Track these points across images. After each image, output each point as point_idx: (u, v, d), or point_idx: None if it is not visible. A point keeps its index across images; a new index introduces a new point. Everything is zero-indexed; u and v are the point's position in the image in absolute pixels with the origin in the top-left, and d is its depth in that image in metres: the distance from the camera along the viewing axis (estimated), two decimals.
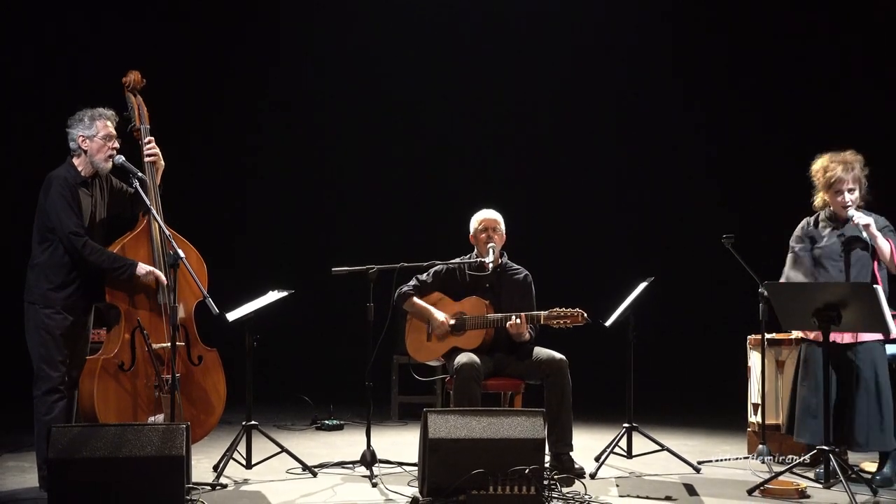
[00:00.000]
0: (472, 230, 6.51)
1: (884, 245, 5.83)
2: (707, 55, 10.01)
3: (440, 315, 6.34)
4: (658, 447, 6.47)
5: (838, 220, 6.05)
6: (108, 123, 5.70)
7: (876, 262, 5.93)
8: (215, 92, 9.78)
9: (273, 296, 6.12)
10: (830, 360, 5.76)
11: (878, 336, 5.82)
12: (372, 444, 6.13)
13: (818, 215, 6.18)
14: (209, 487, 5.65)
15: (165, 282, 5.66)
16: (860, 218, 5.84)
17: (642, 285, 6.44)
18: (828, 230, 6.10)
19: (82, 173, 5.69)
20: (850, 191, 5.94)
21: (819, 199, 6.14)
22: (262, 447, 6.30)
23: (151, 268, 5.69)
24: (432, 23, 10.04)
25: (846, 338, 5.86)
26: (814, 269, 6.06)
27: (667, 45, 10.08)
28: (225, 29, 9.90)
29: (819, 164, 6.07)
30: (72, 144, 5.70)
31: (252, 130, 10.12)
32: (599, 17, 10.05)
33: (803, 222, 6.22)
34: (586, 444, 6.78)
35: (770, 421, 6.72)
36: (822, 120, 9.23)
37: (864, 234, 5.87)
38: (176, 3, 9.64)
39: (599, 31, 10.09)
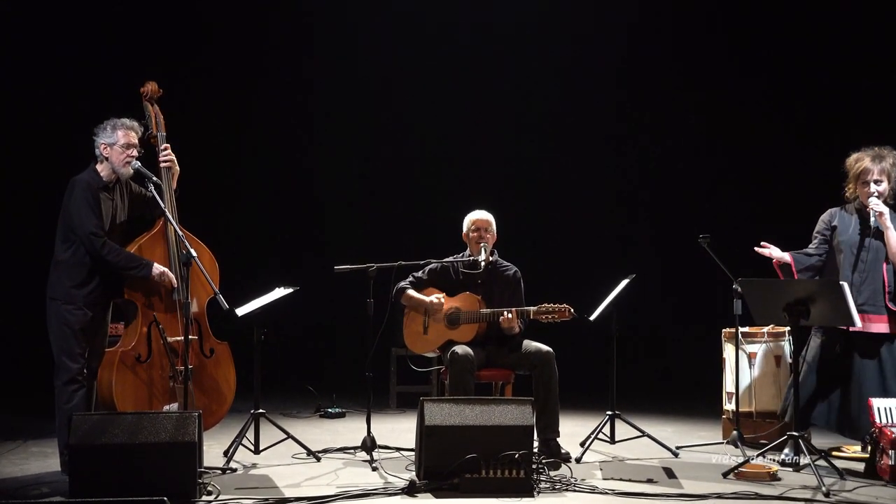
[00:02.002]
0: (465, 230, 6.51)
1: (892, 237, 5.79)
2: (689, 58, 9.92)
3: (433, 297, 6.32)
4: (639, 433, 6.48)
5: (866, 211, 5.98)
6: (130, 133, 5.70)
7: (887, 257, 5.89)
8: (222, 99, 9.74)
9: (279, 292, 6.12)
10: (859, 351, 5.85)
11: None
12: (372, 430, 6.13)
13: (845, 206, 6.13)
14: (220, 471, 5.65)
15: (176, 284, 5.66)
16: (876, 205, 5.81)
17: (624, 282, 6.43)
18: (853, 220, 6.05)
19: (104, 178, 5.69)
20: (877, 182, 5.89)
21: (850, 189, 6.09)
22: (269, 434, 6.29)
23: (165, 269, 5.68)
24: (430, 31, 9.95)
25: (875, 327, 5.84)
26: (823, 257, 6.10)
27: (650, 48, 10.01)
28: (233, 32, 9.83)
29: (853, 156, 6.04)
30: (96, 151, 5.70)
31: (263, 142, 10.09)
32: (587, 24, 9.98)
33: (831, 211, 6.17)
34: (572, 430, 6.78)
35: (743, 409, 6.70)
36: (800, 122, 9.25)
37: (874, 221, 5.85)
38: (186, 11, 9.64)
39: (584, 39, 10.01)
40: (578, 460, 6.06)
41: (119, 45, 9.20)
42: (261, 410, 6.18)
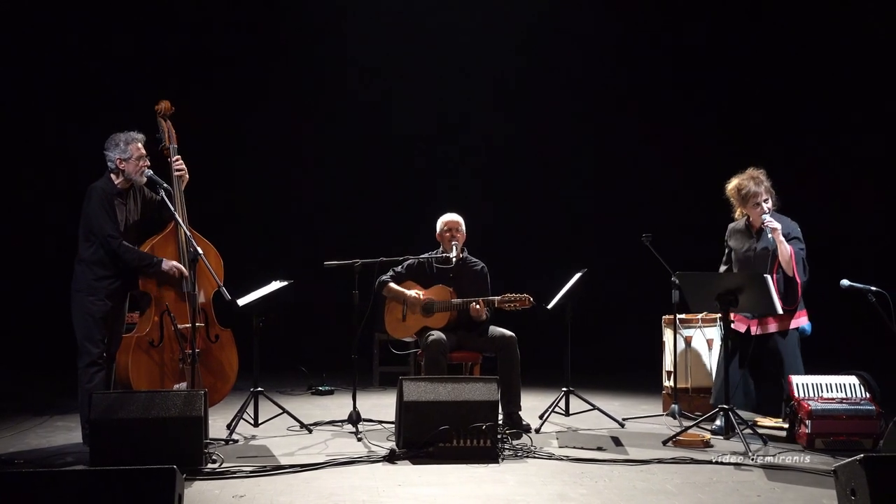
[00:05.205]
0: (438, 230, 6.49)
1: (785, 249, 5.77)
2: (636, 66, 9.92)
3: (412, 292, 6.31)
4: (590, 407, 6.48)
5: (753, 229, 6.01)
6: (140, 145, 5.63)
7: (775, 266, 5.85)
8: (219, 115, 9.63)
9: (276, 285, 6.05)
10: (760, 345, 5.83)
11: (794, 325, 5.82)
12: (357, 405, 6.10)
13: (736, 223, 6.13)
14: (223, 442, 5.61)
15: (187, 274, 5.60)
16: (770, 222, 5.79)
17: (577, 275, 6.42)
18: (743, 237, 6.05)
19: (118, 186, 5.61)
20: (765, 201, 5.89)
21: (739, 212, 6.08)
22: (267, 409, 6.26)
23: (174, 262, 5.62)
24: (413, 50, 9.89)
25: (772, 327, 5.86)
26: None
27: (600, 55, 9.97)
28: (230, 38, 9.67)
29: (733, 185, 6.00)
30: (110, 164, 5.62)
31: (264, 156, 9.99)
32: (542, 34, 9.93)
33: (731, 225, 6.15)
34: (532, 404, 6.77)
35: (680, 385, 6.73)
36: (735, 133, 9.28)
37: (770, 236, 5.83)
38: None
39: (539, 49, 10.00)
40: (538, 431, 6.06)
41: (137, 67, 9.12)
42: (259, 388, 6.14)
